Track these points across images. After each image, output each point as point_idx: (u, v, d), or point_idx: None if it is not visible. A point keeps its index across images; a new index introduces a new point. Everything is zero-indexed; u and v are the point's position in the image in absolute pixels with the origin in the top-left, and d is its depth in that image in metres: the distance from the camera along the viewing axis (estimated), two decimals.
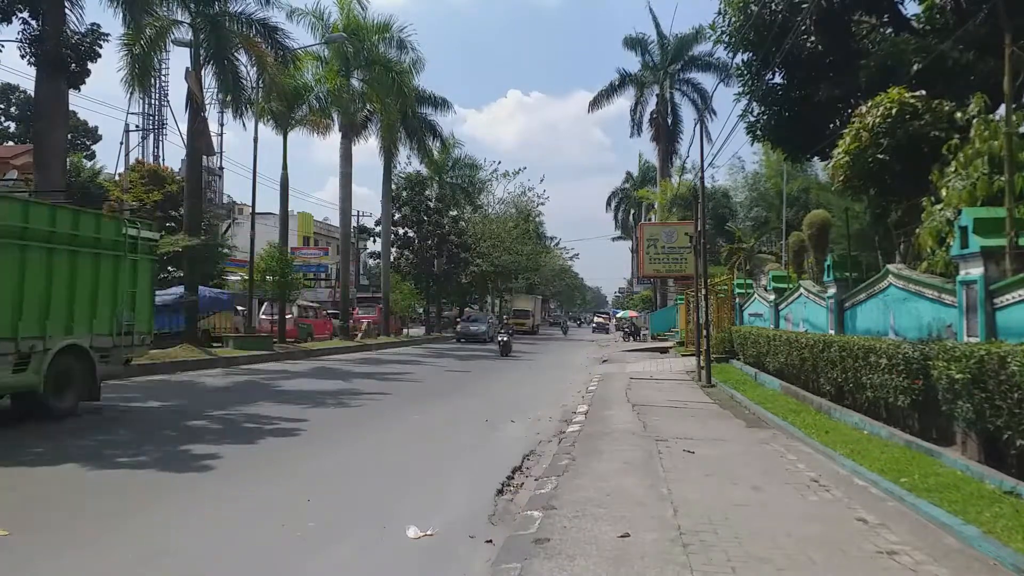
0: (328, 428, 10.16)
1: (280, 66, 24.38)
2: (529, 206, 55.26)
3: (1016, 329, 7.02)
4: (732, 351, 20.55)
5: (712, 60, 39.46)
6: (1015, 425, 6.12)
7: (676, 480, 6.78)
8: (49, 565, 4.65)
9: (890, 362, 8.72)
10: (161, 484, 6.70)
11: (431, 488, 6.98)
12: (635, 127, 44.79)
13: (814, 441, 8.67)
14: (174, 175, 34.40)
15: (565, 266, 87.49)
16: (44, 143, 16.97)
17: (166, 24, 22.52)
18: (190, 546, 5.08)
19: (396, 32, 33.43)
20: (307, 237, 55.86)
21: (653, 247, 37.07)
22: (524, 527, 5.32)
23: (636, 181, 61.37)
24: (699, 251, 18.64)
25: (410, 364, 22.47)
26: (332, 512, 5.96)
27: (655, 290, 49.76)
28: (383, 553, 5.06)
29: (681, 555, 4.68)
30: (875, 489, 6.48)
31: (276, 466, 7.68)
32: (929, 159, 10.18)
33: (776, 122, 15.72)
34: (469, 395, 14.96)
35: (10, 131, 49.31)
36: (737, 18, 15.10)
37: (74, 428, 9.46)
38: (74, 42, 16.60)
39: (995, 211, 7.80)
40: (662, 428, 9.94)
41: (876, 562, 4.68)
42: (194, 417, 10.64)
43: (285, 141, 31.55)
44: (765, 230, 34.12)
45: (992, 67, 10.75)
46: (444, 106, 39.57)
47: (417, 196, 44.60)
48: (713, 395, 14.26)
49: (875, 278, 11.06)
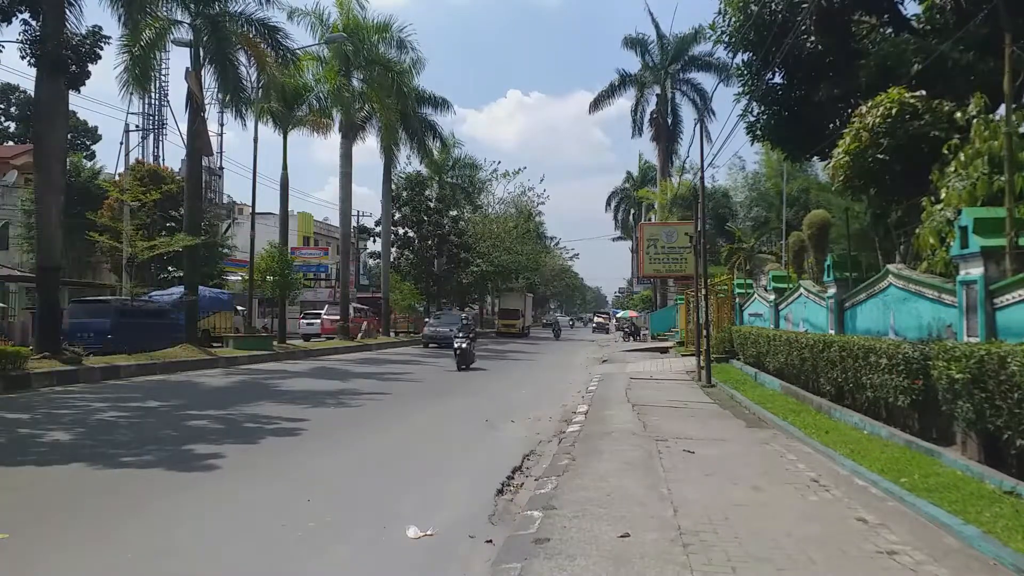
0: (328, 428, 10.17)
1: (280, 66, 24.40)
2: (529, 206, 55.32)
3: (1016, 329, 7.02)
4: (732, 351, 20.55)
5: (712, 60, 39.51)
6: (1015, 425, 6.12)
7: (676, 480, 6.78)
8: (49, 566, 4.66)
9: (890, 362, 8.72)
10: (162, 484, 6.70)
11: (431, 488, 6.98)
12: (635, 127, 44.88)
13: (814, 441, 8.66)
14: (174, 175, 34.42)
15: (565, 266, 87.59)
16: (44, 143, 16.98)
17: (166, 24, 22.54)
18: (191, 546, 5.08)
19: (396, 32, 33.50)
20: (307, 237, 55.85)
21: (653, 247, 37.07)
22: (524, 527, 5.32)
23: (636, 181, 61.34)
24: (699, 251, 18.64)
25: (410, 364, 22.47)
26: (332, 512, 5.96)
27: (655, 290, 49.77)
28: (383, 553, 5.06)
29: (681, 555, 4.68)
30: (875, 489, 6.48)
31: (277, 466, 7.68)
32: (929, 159, 10.18)
33: (776, 122, 15.71)
34: (469, 394, 14.96)
35: (10, 131, 49.35)
36: (737, 18, 15.09)
37: (74, 429, 9.47)
38: (74, 43, 16.61)
39: (995, 211, 7.80)
40: (662, 428, 9.94)
41: (876, 562, 4.68)
42: (195, 417, 10.64)
43: (285, 141, 31.62)
44: (765, 230, 34.15)
45: (992, 67, 10.74)
46: (444, 106, 39.66)
47: (417, 196, 44.63)
48: (713, 395, 14.26)
49: (875, 278, 11.06)
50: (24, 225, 30.58)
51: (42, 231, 17.25)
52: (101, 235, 22.15)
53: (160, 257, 25.76)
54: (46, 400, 12.09)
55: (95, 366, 15.91)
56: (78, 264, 31.37)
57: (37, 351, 15.55)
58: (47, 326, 16.34)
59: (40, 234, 17.54)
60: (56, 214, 16.76)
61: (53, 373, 14.35)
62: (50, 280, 16.84)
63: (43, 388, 13.52)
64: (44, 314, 16.55)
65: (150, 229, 26.84)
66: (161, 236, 25.96)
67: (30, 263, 27.94)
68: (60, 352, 15.90)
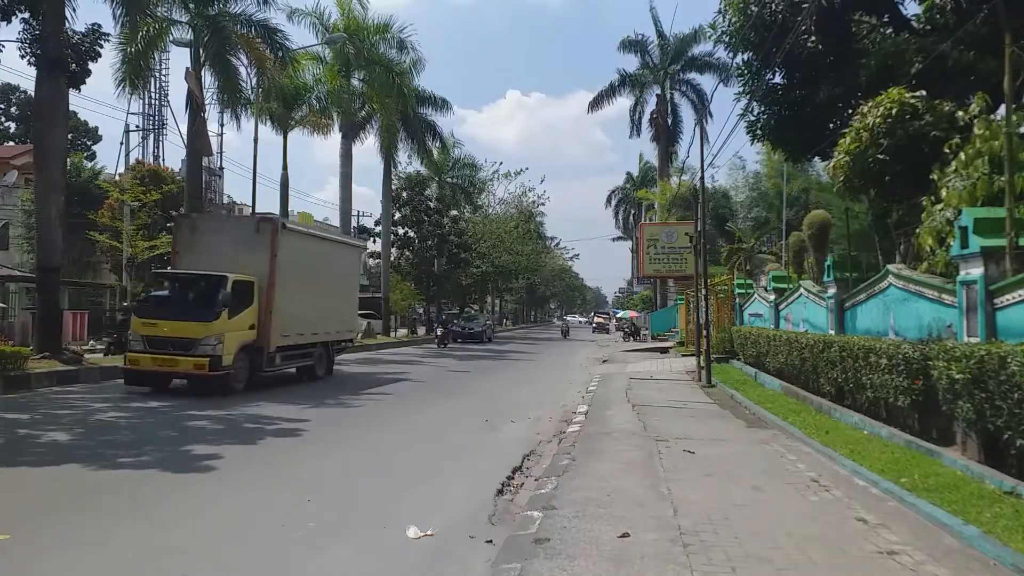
0: (328, 428, 10.17)
1: (280, 67, 24.39)
2: (530, 207, 55.27)
3: (1016, 329, 7.02)
4: (732, 351, 20.55)
5: (712, 60, 39.44)
6: (1015, 425, 6.12)
7: (676, 480, 6.78)
8: (50, 566, 4.66)
9: (890, 362, 8.72)
10: (162, 484, 6.70)
11: (431, 488, 6.98)
12: (635, 127, 44.80)
13: (814, 441, 8.66)
14: (174, 175, 34.40)
15: (565, 266, 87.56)
16: (44, 143, 16.96)
17: (165, 24, 22.53)
18: (191, 546, 5.08)
19: (396, 32, 33.43)
20: None
21: (653, 247, 37.09)
22: (524, 527, 5.32)
23: (636, 182, 61.29)
24: (699, 251, 18.64)
25: (410, 364, 22.45)
26: (332, 512, 5.96)
27: (655, 290, 49.74)
28: (383, 553, 5.06)
29: (681, 555, 4.68)
30: (875, 489, 6.48)
31: (277, 466, 7.68)
32: (929, 159, 10.18)
33: (776, 122, 15.72)
34: (469, 395, 14.96)
35: (10, 131, 49.33)
36: (737, 18, 15.10)
37: (74, 429, 9.46)
38: (74, 42, 16.60)
39: (995, 211, 7.80)
40: (662, 428, 9.93)
41: (876, 562, 4.68)
42: (195, 417, 10.63)
43: (285, 141, 31.63)
44: (765, 230, 34.16)
45: (992, 67, 10.74)
46: (444, 106, 39.57)
47: (417, 196, 44.58)
48: (713, 395, 14.25)
49: (875, 278, 11.06)
50: (24, 225, 30.55)
51: (42, 231, 17.23)
52: (101, 235, 22.12)
53: (160, 257, 25.73)
54: (46, 400, 12.08)
55: (95, 366, 15.89)
56: (78, 264, 31.35)
57: (37, 351, 15.53)
58: (47, 326, 16.32)
59: (40, 234, 17.53)
60: (56, 214, 16.74)
61: (53, 373, 14.32)
62: (50, 280, 16.82)
63: (43, 388, 13.50)
64: (44, 314, 16.53)
65: (150, 229, 26.86)
66: (161, 236, 25.97)
67: (30, 263, 27.92)
68: (60, 352, 15.89)
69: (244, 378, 13.75)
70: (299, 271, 15.35)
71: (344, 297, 18.57)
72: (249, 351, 13.88)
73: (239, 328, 13.56)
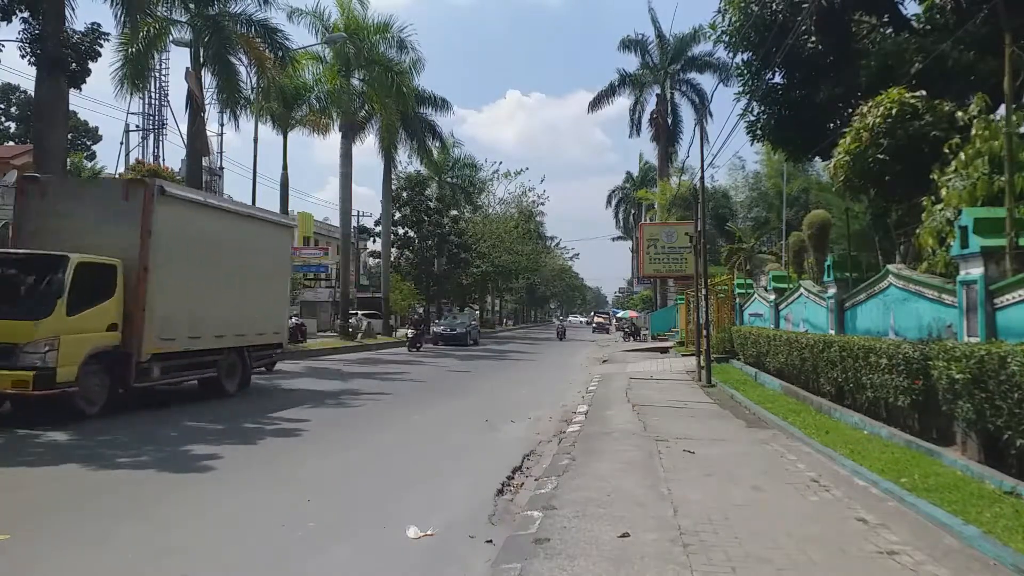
0: (328, 428, 10.16)
1: (280, 67, 24.40)
2: (530, 207, 55.29)
3: (1016, 329, 7.02)
4: (732, 351, 20.55)
5: (712, 60, 39.40)
6: (1015, 425, 6.12)
7: (676, 480, 6.78)
8: (49, 566, 4.66)
9: (890, 362, 8.72)
10: (162, 484, 6.70)
11: (431, 488, 6.98)
12: (634, 127, 44.77)
13: (814, 441, 8.66)
14: (174, 175, 34.39)
15: (565, 266, 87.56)
16: (44, 143, 16.93)
17: (165, 24, 22.53)
18: (191, 546, 5.08)
19: (396, 32, 33.41)
20: (307, 237, 55.75)
21: (653, 247, 37.07)
22: (524, 527, 5.32)
23: (636, 181, 61.26)
24: (699, 251, 18.65)
25: (410, 364, 22.46)
26: (332, 512, 5.96)
27: (655, 290, 49.73)
28: (383, 553, 5.06)
29: (681, 555, 4.68)
30: (875, 489, 6.48)
31: (276, 466, 7.68)
32: (929, 159, 10.17)
33: (776, 122, 15.72)
34: (469, 395, 14.96)
35: (10, 131, 49.30)
36: (737, 18, 15.09)
37: (73, 429, 9.45)
38: (74, 41, 16.57)
39: (995, 211, 7.80)
40: (662, 428, 9.93)
41: (876, 562, 4.68)
42: (194, 417, 10.63)
43: (285, 141, 31.62)
44: (765, 230, 34.16)
45: (992, 67, 10.73)
46: (444, 106, 39.56)
47: (417, 196, 44.58)
48: (713, 395, 14.25)
49: (875, 278, 11.06)
50: None
51: None
52: None
53: None
54: None
55: None
56: None
57: None
58: None
59: None
60: None
61: None
62: None
63: None
64: None
65: None
66: None
67: None
68: None
69: (101, 398, 10.34)
70: (192, 254, 11.99)
71: (267, 290, 14.51)
72: (107, 360, 10.41)
73: (88, 329, 10.05)
